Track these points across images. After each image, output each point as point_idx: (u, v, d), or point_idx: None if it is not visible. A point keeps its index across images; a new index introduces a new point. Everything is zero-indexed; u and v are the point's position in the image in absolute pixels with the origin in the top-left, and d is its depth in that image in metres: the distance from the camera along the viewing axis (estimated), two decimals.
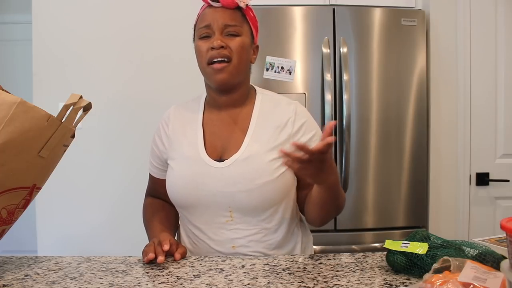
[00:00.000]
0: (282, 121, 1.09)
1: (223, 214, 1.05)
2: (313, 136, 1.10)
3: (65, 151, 0.99)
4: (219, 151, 1.08)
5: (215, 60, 1.04)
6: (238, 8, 1.08)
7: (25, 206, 0.95)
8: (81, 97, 0.95)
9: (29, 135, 0.87)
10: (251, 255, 1.04)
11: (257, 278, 0.86)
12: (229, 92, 1.10)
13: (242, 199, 1.02)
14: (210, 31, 1.06)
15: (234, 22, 1.06)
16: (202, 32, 1.07)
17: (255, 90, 1.17)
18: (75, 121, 0.96)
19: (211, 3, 1.07)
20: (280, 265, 0.95)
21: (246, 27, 1.09)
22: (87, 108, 0.98)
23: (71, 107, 0.93)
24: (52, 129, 0.90)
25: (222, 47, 1.03)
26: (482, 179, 2.31)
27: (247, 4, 1.08)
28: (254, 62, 1.14)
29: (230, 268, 0.93)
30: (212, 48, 1.04)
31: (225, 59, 1.04)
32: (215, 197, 1.04)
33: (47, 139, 0.91)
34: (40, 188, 0.97)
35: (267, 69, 2.12)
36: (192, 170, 1.07)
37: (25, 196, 0.93)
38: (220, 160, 1.06)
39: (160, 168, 1.18)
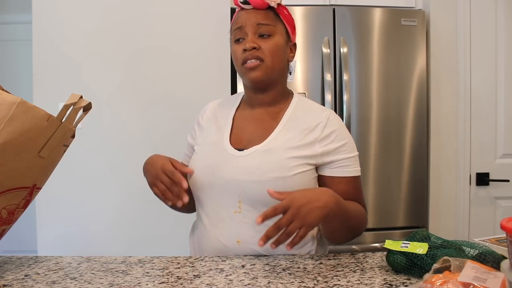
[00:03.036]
0: (312, 124, 1.08)
1: (232, 204, 1.05)
2: (343, 145, 1.08)
3: (65, 151, 0.99)
4: (243, 143, 1.09)
5: (248, 60, 1.06)
6: (270, 8, 1.08)
7: (25, 206, 0.95)
8: (81, 97, 0.95)
9: (29, 135, 0.87)
10: (252, 255, 1.03)
11: (257, 278, 0.86)
12: (264, 91, 1.12)
13: (253, 190, 1.02)
14: (243, 33, 1.08)
15: (267, 21, 1.07)
16: (236, 35, 1.09)
17: (293, 94, 1.18)
18: (75, 121, 0.96)
19: (242, 5, 1.09)
20: (280, 265, 0.95)
21: (280, 26, 1.09)
22: (87, 108, 0.98)
23: (71, 107, 0.93)
24: (52, 129, 0.90)
25: (254, 48, 1.05)
26: (482, 179, 2.31)
27: (279, 3, 1.08)
28: (292, 60, 1.15)
29: (230, 268, 0.93)
30: (245, 50, 1.06)
31: (258, 60, 1.06)
32: (228, 184, 1.05)
33: (47, 139, 0.91)
34: (40, 188, 0.97)
35: None
36: (212, 155, 1.10)
37: (25, 196, 0.93)
38: (242, 150, 1.08)
39: (190, 156, 1.21)
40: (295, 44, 1.15)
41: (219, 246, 1.06)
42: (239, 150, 1.08)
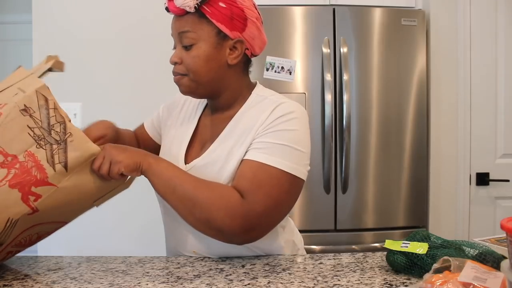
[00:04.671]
0: (251, 124, 0.96)
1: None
2: (273, 130, 0.94)
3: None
4: (198, 152, 1.04)
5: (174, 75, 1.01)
6: (196, 11, 0.94)
7: (51, 234, 0.97)
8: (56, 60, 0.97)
9: (96, 184, 0.90)
10: (211, 257, 1.01)
11: (257, 278, 0.86)
12: (211, 99, 1.05)
13: None
14: (174, 43, 1.01)
15: (186, 28, 0.95)
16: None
17: (252, 91, 1.05)
18: (42, 73, 0.94)
19: (168, 12, 0.99)
20: (280, 265, 0.95)
21: (206, 29, 0.95)
22: (58, 68, 0.98)
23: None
24: (116, 183, 0.95)
25: (176, 63, 0.99)
26: (482, 179, 2.31)
27: (197, 5, 0.92)
28: (235, 62, 0.99)
29: (230, 268, 0.93)
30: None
31: (180, 74, 0.99)
32: None
33: (107, 191, 0.95)
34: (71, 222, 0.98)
35: (267, 69, 2.12)
36: None
37: (59, 227, 0.95)
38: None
39: (154, 127, 1.22)
40: (239, 41, 0.97)
41: (178, 253, 1.06)
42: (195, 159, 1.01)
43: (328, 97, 2.11)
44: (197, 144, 1.06)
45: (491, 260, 0.78)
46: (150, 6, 2.21)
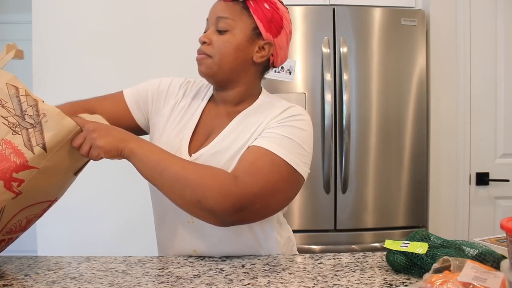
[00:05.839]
0: (263, 119, 0.99)
1: (186, 214, 0.95)
2: (282, 123, 0.96)
3: None
4: (203, 142, 1.03)
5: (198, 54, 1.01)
6: (242, 2, 0.98)
7: (41, 215, 0.97)
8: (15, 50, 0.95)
9: (75, 157, 0.90)
10: (214, 257, 1.01)
11: (257, 278, 0.86)
12: (223, 89, 1.04)
13: None
14: (207, 25, 1.02)
15: (226, 15, 0.98)
16: (205, 27, 1.04)
17: (260, 94, 1.08)
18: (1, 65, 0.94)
19: None
20: (280, 265, 0.95)
21: (245, 22, 0.98)
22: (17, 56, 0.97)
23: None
24: None
25: (204, 42, 0.99)
26: (482, 179, 2.31)
27: None
28: (259, 61, 1.02)
29: (230, 268, 0.93)
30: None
31: (205, 55, 0.99)
32: None
33: (86, 161, 0.94)
34: (57, 200, 0.98)
35: None
36: None
37: (46, 207, 0.95)
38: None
39: (136, 103, 1.11)
40: (269, 43, 1.01)
41: (175, 252, 1.04)
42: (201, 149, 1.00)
43: (328, 97, 2.11)
44: (200, 135, 1.04)
45: (491, 260, 0.78)
46: (150, 5, 2.21)
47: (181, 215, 0.97)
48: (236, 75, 1.02)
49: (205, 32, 1.02)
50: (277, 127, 0.96)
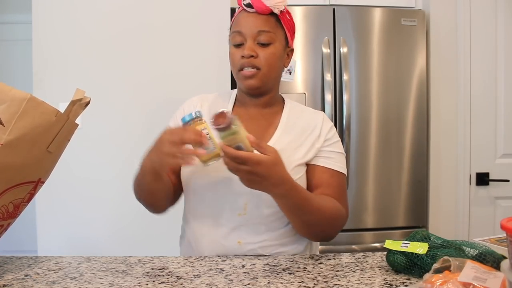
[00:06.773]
0: (309, 126, 1.11)
1: (238, 206, 1.04)
2: (332, 140, 1.12)
3: (66, 145, 1.00)
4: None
5: (245, 68, 1.05)
6: (273, 13, 1.06)
7: (29, 200, 0.96)
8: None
9: (39, 130, 0.88)
10: (252, 255, 1.03)
11: (257, 278, 0.86)
12: (258, 96, 1.12)
13: (260, 192, 0.97)
14: (242, 38, 1.06)
15: (267, 28, 1.05)
16: (236, 39, 1.07)
17: (283, 98, 1.19)
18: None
19: (246, 8, 1.06)
20: (280, 265, 0.95)
21: (280, 33, 1.08)
22: (87, 104, 0.99)
23: (78, 102, 0.94)
24: (59, 124, 0.92)
25: (252, 56, 1.04)
26: (482, 179, 2.31)
27: (282, 10, 1.06)
28: (288, 66, 1.15)
29: (230, 268, 0.93)
30: (243, 57, 1.04)
31: (255, 68, 1.05)
32: (235, 186, 0.99)
33: (55, 135, 0.92)
34: (43, 182, 0.98)
35: None
36: None
37: (30, 190, 0.94)
38: None
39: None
40: (292, 50, 1.14)
41: (219, 247, 1.05)
42: None
43: (328, 97, 2.11)
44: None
45: (491, 260, 0.78)
46: (151, 6, 2.21)
47: (235, 209, 1.04)
48: (274, 81, 1.13)
49: (238, 45, 1.06)
50: (331, 144, 1.11)
